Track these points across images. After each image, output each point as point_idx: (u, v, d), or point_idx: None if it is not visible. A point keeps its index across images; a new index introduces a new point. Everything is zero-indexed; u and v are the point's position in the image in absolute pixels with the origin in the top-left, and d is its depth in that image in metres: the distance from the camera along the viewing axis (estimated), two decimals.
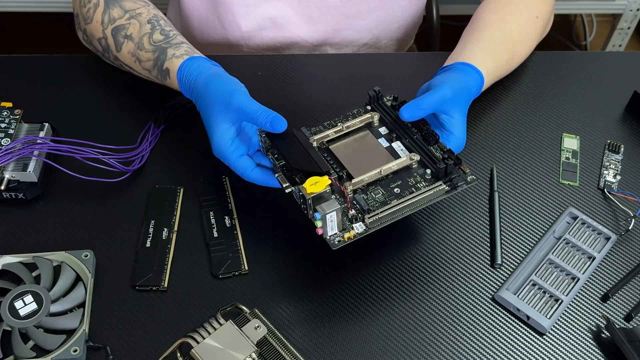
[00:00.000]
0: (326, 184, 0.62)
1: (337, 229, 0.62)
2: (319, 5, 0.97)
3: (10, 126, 0.76)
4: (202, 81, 0.72)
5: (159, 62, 0.77)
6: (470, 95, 0.77)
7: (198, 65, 0.74)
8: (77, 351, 0.62)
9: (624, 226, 0.77)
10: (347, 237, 0.62)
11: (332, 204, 0.61)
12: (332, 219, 0.61)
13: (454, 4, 1.77)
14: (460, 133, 0.73)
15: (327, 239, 0.62)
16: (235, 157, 0.69)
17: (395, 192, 0.66)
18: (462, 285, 0.71)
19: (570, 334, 0.68)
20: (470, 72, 0.78)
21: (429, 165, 0.67)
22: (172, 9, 1.08)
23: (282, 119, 0.67)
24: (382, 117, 0.73)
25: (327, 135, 0.71)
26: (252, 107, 0.68)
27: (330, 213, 0.60)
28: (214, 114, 0.70)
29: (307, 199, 0.62)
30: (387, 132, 0.72)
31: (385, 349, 0.66)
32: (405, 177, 0.67)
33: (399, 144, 0.70)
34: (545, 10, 0.90)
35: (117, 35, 0.80)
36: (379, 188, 0.66)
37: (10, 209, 0.74)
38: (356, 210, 0.64)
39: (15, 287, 0.65)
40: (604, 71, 0.95)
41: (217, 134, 0.70)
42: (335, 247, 0.62)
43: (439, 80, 0.74)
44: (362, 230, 0.63)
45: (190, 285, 0.70)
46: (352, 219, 0.63)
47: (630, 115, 0.89)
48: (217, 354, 0.61)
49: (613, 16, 1.94)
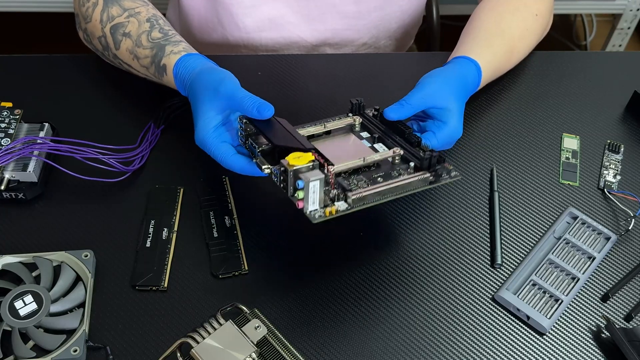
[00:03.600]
0: (309, 159, 0.61)
1: (319, 205, 0.60)
2: (318, 5, 0.97)
3: (10, 126, 0.76)
4: (195, 74, 0.72)
5: (156, 58, 0.77)
6: (465, 85, 0.76)
7: (194, 60, 0.74)
8: (77, 351, 0.62)
9: (624, 226, 0.77)
10: (329, 211, 0.60)
11: (316, 173, 0.59)
12: (314, 190, 0.59)
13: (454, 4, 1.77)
14: (454, 123, 0.72)
15: (307, 213, 0.60)
16: (216, 143, 0.68)
17: (378, 181, 0.64)
18: (462, 285, 0.71)
19: (570, 334, 0.68)
20: (464, 62, 0.78)
21: (413, 160, 0.66)
22: (172, 9, 1.08)
23: (269, 105, 0.66)
24: (364, 122, 0.72)
25: (308, 131, 0.70)
26: (239, 93, 0.67)
27: (313, 181, 0.58)
28: (201, 102, 0.69)
29: (289, 172, 0.60)
30: (369, 136, 0.71)
31: (385, 348, 0.66)
32: (389, 170, 0.66)
33: (381, 145, 0.70)
34: (544, 9, 0.90)
35: (116, 33, 0.80)
36: (361, 176, 0.65)
37: (10, 209, 0.74)
38: (338, 191, 0.62)
39: (15, 287, 0.65)
40: (604, 71, 0.95)
41: (202, 121, 0.69)
42: (315, 221, 0.60)
43: (425, 77, 0.75)
44: (345, 207, 0.61)
45: (190, 285, 0.70)
46: (335, 198, 0.61)
47: (630, 115, 0.89)
48: (217, 354, 0.61)
49: (613, 16, 1.94)
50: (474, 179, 0.81)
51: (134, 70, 0.82)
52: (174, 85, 0.76)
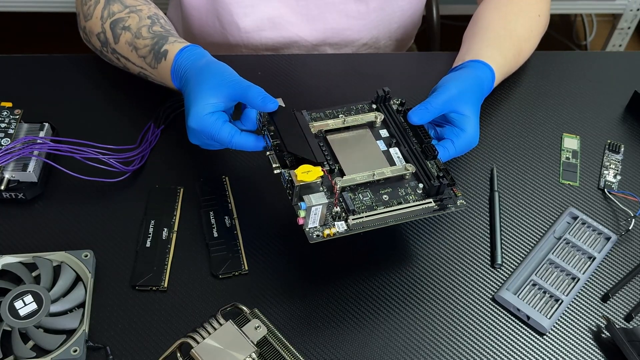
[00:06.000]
0: (317, 175, 0.61)
1: (319, 223, 0.61)
2: (318, 4, 0.97)
3: (10, 126, 0.76)
4: (202, 63, 0.72)
5: (157, 46, 0.76)
6: (481, 90, 0.77)
7: (201, 51, 0.74)
8: (77, 351, 0.62)
9: (624, 226, 0.77)
10: (327, 233, 0.61)
11: (321, 197, 0.60)
12: (316, 212, 0.60)
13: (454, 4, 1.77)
14: (472, 130, 0.72)
15: (306, 230, 0.61)
16: (218, 123, 0.67)
17: (383, 199, 0.65)
18: (462, 285, 0.71)
19: (570, 334, 0.68)
20: (480, 67, 0.78)
21: (423, 180, 0.66)
22: (173, 8, 1.08)
23: (274, 99, 0.66)
24: (386, 119, 0.72)
25: (327, 124, 0.70)
26: (245, 82, 0.67)
27: (316, 206, 0.59)
28: (203, 89, 0.68)
29: (295, 186, 0.60)
30: (388, 136, 0.71)
31: (385, 348, 0.66)
32: (397, 186, 0.66)
33: (397, 151, 0.69)
34: (545, 9, 0.90)
35: (116, 27, 0.80)
36: (368, 191, 0.65)
37: (10, 209, 0.74)
38: (341, 208, 0.63)
39: (15, 287, 0.65)
40: (604, 71, 0.95)
41: (200, 104, 0.67)
42: (312, 240, 0.61)
43: (445, 80, 0.74)
44: (343, 230, 0.62)
45: (190, 285, 0.69)
46: (335, 217, 0.62)
47: (630, 115, 0.89)
48: (217, 354, 0.61)
49: (613, 16, 1.94)
50: (474, 179, 0.81)
51: (130, 64, 0.81)
52: (168, 73, 0.75)
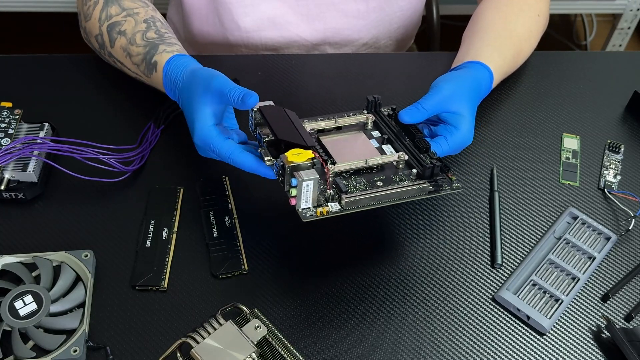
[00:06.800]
0: (308, 156, 0.60)
1: (312, 203, 0.61)
2: (318, 4, 0.97)
3: (10, 126, 0.76)
4: (187, 73, 0.72)
5: (148, 55, 0.77)
6: (479, 91, 0.77)
7: (186, 60, 0.74)
8: (77, 351, 0.62)
9: (624, 226, 0.77)
10: (320, 212, 0.60)
11: (312, 173, 0.59)
12: (307, 189, 0.59)
13: (454, 4, 1.77)
14: (466, 129, 0.72)
15: (298, 210, 0.60)
16: (220, 140, 0.67)
17: (377, 185, 0.64)
18: (462, 285, 0.71)
19: (570, 334, 0.68)
20: (478, 68, 0.78)
21: (416, 166, 0.66)
22: (173, 8, 1.08)
23: (253, 93, 0.66)
24: (377, 121, 0.72)
25: (318, 125, 0.70)
26: (227, 86, 0.67)
27: (307, 181, 0.58)
28: (195, 100, 0.69)
29: (287, 168, 0.60)
30: (379, 135, 0.71)
31: (385, 348, 0.66)
32: (390, 173, 0.66)
33: (390, 147, 0.69)
34: (545, 9, 0.90)
35: (112, 31, 0.80)
36: (361, 178, 0.65)
37: (10, 209, 0.74)
38: (334, 191, 0.62)
39: (15, 287, 0.65)
40: (604, 71, 0.95)
41: (200, 119, 0.68)
42: (305, 219, 0.60)
43: (440, 80, 0.74)
44: (337, 209, 0.61)
45: (190, 285, 0.69)
46: (329, 198, 0.62)
47: (630, 115, 0.89)
48: (217, 354, 0.61)
49: (613, 16, 1.94)
50: (474, 179, 0.81)
51: (125, 69, 0.82)
52: (161, 84, 0.76)
